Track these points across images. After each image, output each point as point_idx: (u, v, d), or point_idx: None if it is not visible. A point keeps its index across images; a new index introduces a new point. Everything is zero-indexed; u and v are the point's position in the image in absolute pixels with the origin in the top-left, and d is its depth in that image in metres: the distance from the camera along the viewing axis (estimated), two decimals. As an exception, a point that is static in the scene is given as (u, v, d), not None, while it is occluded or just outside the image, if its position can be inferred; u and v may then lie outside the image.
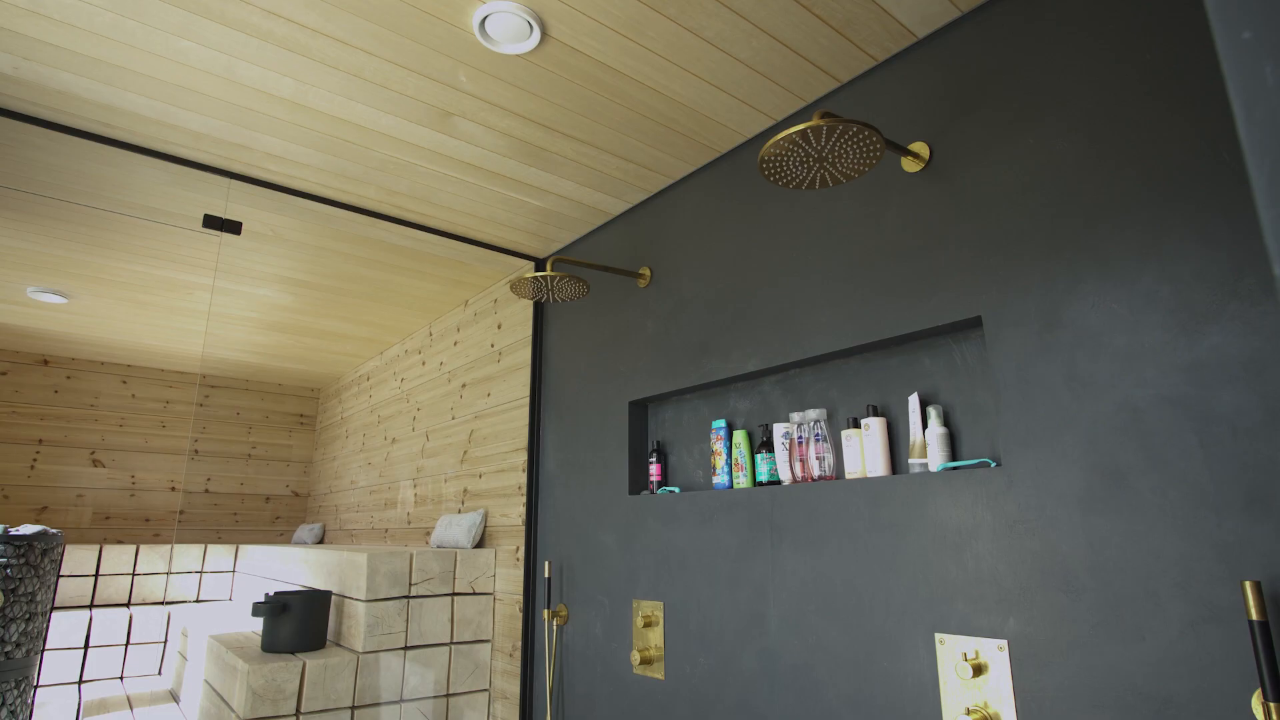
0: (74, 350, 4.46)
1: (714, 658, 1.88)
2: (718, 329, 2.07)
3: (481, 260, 2.95)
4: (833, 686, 1.59)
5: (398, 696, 2.53)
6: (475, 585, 2.78)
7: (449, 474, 3.38)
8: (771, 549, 1.78)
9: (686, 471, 2.20)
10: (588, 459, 2.50)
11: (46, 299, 3.47)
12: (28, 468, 4.42)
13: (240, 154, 2.17)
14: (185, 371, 4.98)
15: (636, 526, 2.22)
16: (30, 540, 2.95)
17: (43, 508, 4.44)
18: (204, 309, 3.63)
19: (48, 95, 1.89)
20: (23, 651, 2.91)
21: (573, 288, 2.17)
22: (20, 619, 2.89)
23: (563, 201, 2.47)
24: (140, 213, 2.55)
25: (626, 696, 2.14)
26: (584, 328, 2.66)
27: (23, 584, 2.91)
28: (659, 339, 2.28)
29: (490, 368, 3.19)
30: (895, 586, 1.52)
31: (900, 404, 1.66)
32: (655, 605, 2.09)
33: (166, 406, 4.92)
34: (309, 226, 2.65)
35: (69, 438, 4.57)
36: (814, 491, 1.71)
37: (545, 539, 2.65)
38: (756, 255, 2.00)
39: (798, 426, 1.80)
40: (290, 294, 3.40)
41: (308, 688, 2.35)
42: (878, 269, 1.67)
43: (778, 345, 1.87)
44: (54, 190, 2.38)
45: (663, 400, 2.34)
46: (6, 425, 4.39)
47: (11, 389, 4.44)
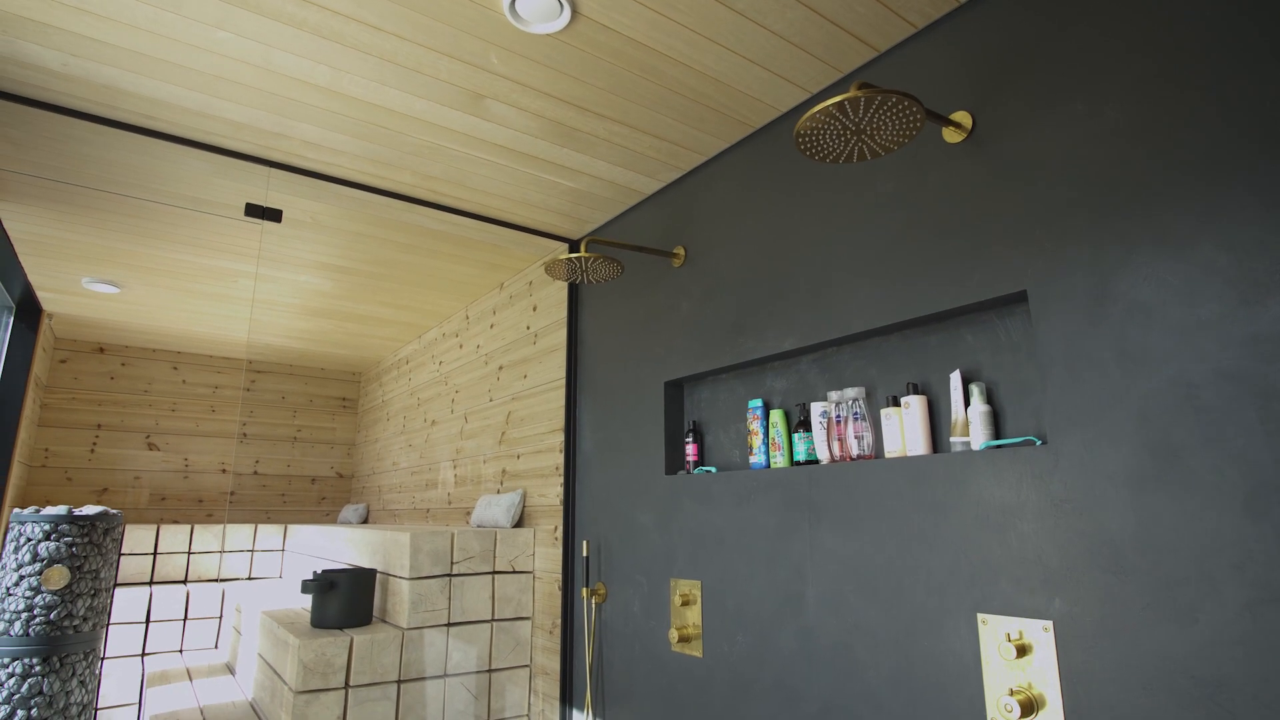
0: (127, 338, 4.62)
1: (752, 636, 1.89)
2: (753, 308, 2.05)
3: (516, 243, 2.96)
4: (872, 666, 1.59)
5: (442, 671, 2.59)
6: (515, 564, 2.82)
7: (487, 455, 3.43)
8: (809, 528, 1.77)
9: (723, 451, 2.20)
10: (624, 440, 2.51)
11: (100, 289, 3.59)
12: (88, 451, 4.61)
13: (279, 142, 2.20)
14: (232, 357, 5.12)
15: (673, 506, 2.22)
16: (93, 520, 3.08)
17: (103, 489, 4.63)
18: (248, 296, 3.72)
19: (94, 90, 1.94)
20: (89, 625, 3.05)
21: (607, 268, 2.17)
22: (86, 595, 3.03)
23: (596, 182, 2.46)
24: (185, 203, 2.61)
25: (665, 674, 2.16)
26: (619, 309, 2.65)
27: (88, 562, 3.04)
28: (694, 319, 2.27)
29: (526, 350, 3.21)
30: (936, 566, 1.50)
31: (941, 382, 1.63)
32: (693, 584, 2.10)
33: (215, 391, 5.08)
34: (347, 213, 2.69)
35: (125, 422, 4.75)
36: (853, 471, 1.69)
37: (583, 518, 2.67)
38: (792, 232, 1.97)
39: (836, 405, 1.78)
40: (330, 280, 3.46)
41: (355, 662, 2.42)
42: (918, 244, 1.63)
43: (815, 323, 1.85)
44: (104, 183, 2.46)
45: (698, 380, 2.33)
46: (67, 411, 4.58)
47: (71, 376, 4.62)
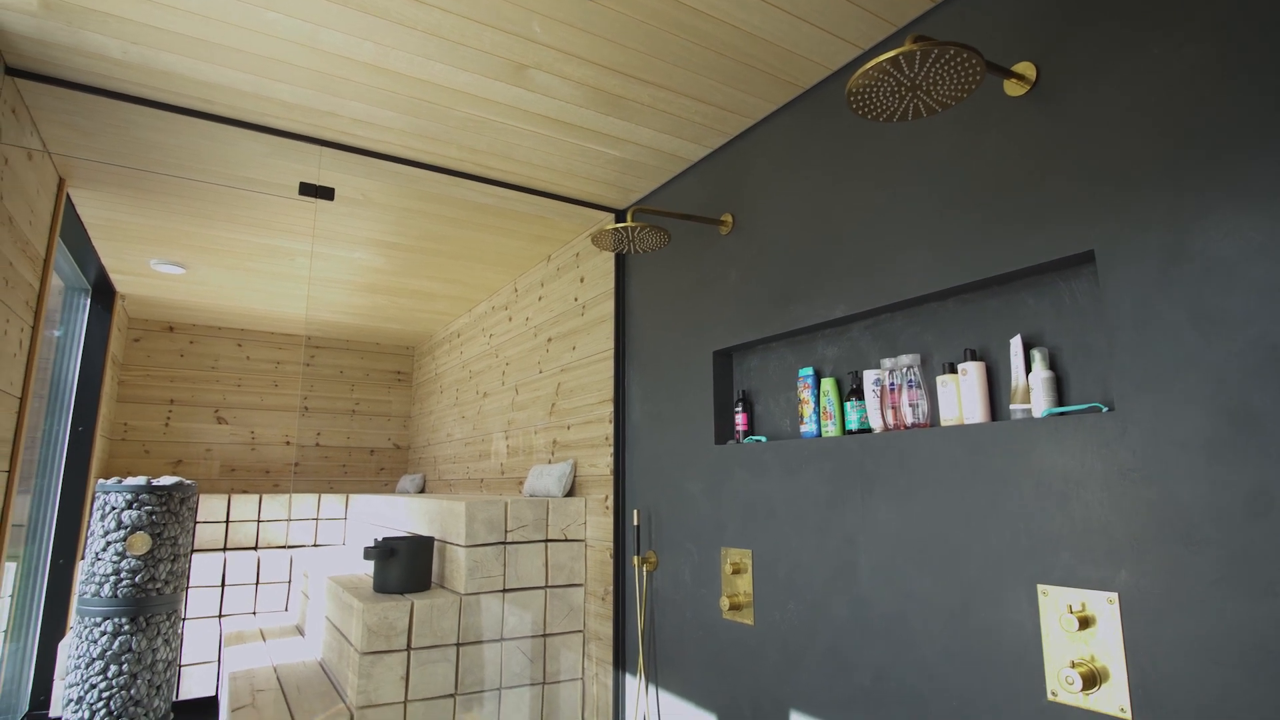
0: (194, 317, 4.81)
1: (804, 605, 1.88)
2: (804, 274, 2.01)
3: (562, 214, 2.96)
4: (927, 636, 1.57)
5: (498, 635, 2.67)
6: (567, 532, 2.87)
7: (538, 426, 3.48)
8: (862, 498, 1.75)
9: (773, 420, 2.18)
10: (673, 409, 2.51)
11: (167, 270, 3.74)
12: (163, 425, 4.85)
13: (329, 121, 2.24)
14: (292, 334, 5.29)
15: (723, 475, 2.22)
16: (170, 490, 3.25)
17: (178, 461, 4.87)
18: (305, 274, 3.82)
19: (154, 76, 2.00)
20: (170, 588, 3.24)
21: (654, 238, 2.15)
22: (167, 560, 3.21)
23: (641, 150, 2.43)
24: (242, 184, 2.68)
25: (716, 641, 2.18)
26: (666, 278, 2.64)
27: (166, 529, 3.22)
28: (742, 287, 2.24)
29: (574, 321, 3.23)
30: (994, 537, 1.46)
31: (1001, 347, 1.58)
32: (743, 553, 2.10)
33: (277, 367, 5.26)
34: (396, 189, 2.73)
35: (195, 397, 4.97)
36: (907, 439, 1.66)
37: (633, 488, 2.70)
38: (844, 195, 1.91)
39: (889, 373, 1.74)
40: (382, 256, 3.53)
41: (416, 625, 2.51)
42: (977, 204, 1.57)
43: (867, 289, 1.80)
44: (167, 167, 2.54)
45: (748, 349, 2.31)
46: (142, 387, 4.82)
47: (144, 354, 4.85)
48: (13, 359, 2.30)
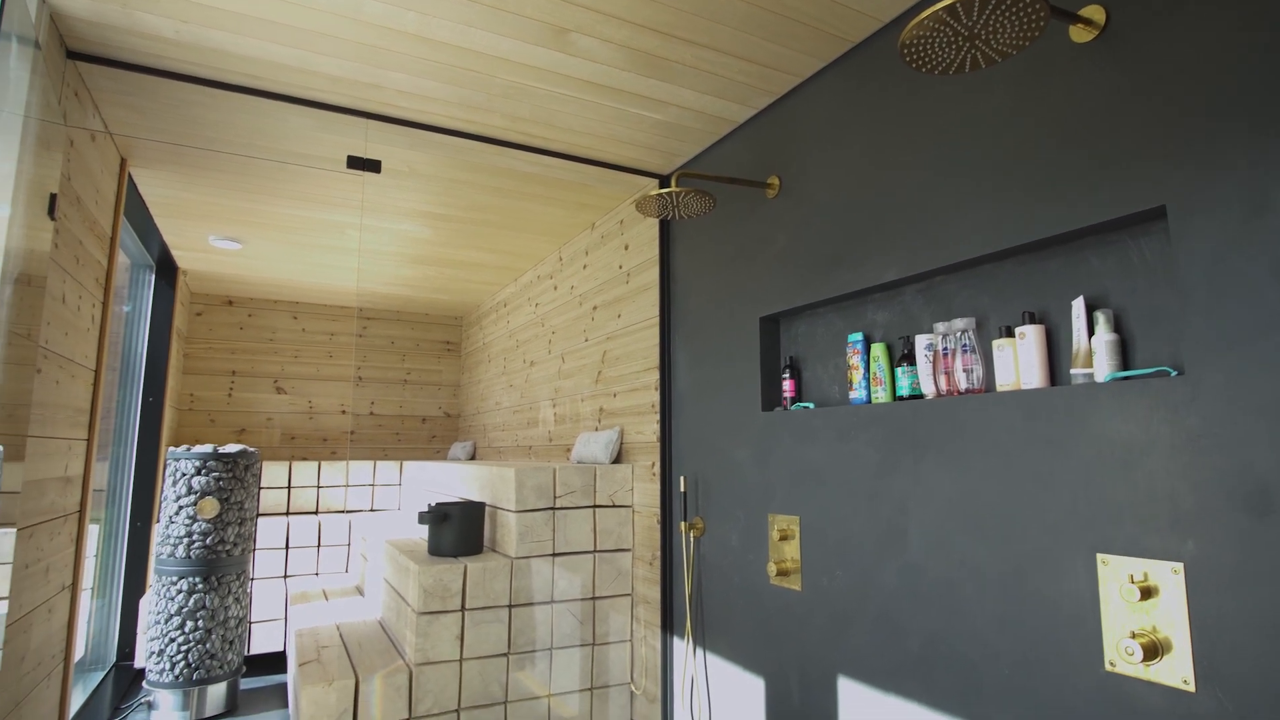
0: (251, 290, 4.97)
1: (853, 572, 1.87)
2: (853, 237, 1.96)
3: (605, 181, 2.94)
4: (980, 604, 1.54)
5: (549, 598, 2.74)
6: (614, 498, 2.91)
7: (585, 394, 3.51)
8: (913, 464, 1.72)
9: (821, 387, 2.15)
10: (719, 376, 2.50)
11: (224, 245, 3.86)
12: (226, 395, 5.05)
13: (374, 93, 2.25)
14: (344, 306, 5.42)
15: (770, 442, 2.21)
16: (235, 458, 3.39)
17: (241, 430, 5.08)
18: (355, 246, 3.89)
19: (204, 54, 2.03)
20: (239, 550, 3.40)
21: (698, 203, 2.12)
22: (234, 523, 3.36)
23: (684, 113, 2.39)
24: (292, 159, 2.73)
25: (763, 606, 2.19)
26: (711, 244, 2.61)
27: (233, 494, 3.37)
28: (790, 251, 2.20)
29: (619, 289, 3.23)
30: (1051, 505, 1.42)
31: (1061, 310, 1.51)
32: (791, 519, 2.09)
33: (331, 338, 5.41)
34: (441, 160, 2.74)
35: (255, 368, 5.15)
36: (961, 405, 1.62)
37: (679, 455, 2.71)
38: (896, 154, 1.85)
39: (942, 337, 1.69)
40: (429, 227, 3.57)
41: (470, 587, 2.59)
42: (1038, 159, 1.50)
43: (920, 251, 1.75)
44: (220, 144, 2.60)
45: (795, 315, 2.27)
46: (206, 359, 5.02)
47: (207, 328, 5.04)
48: (86, 333, 2.41)
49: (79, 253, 2.25)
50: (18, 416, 1.81)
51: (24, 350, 1.82)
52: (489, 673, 2.59)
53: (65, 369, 2.20)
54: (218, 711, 3.27)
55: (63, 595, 2.34)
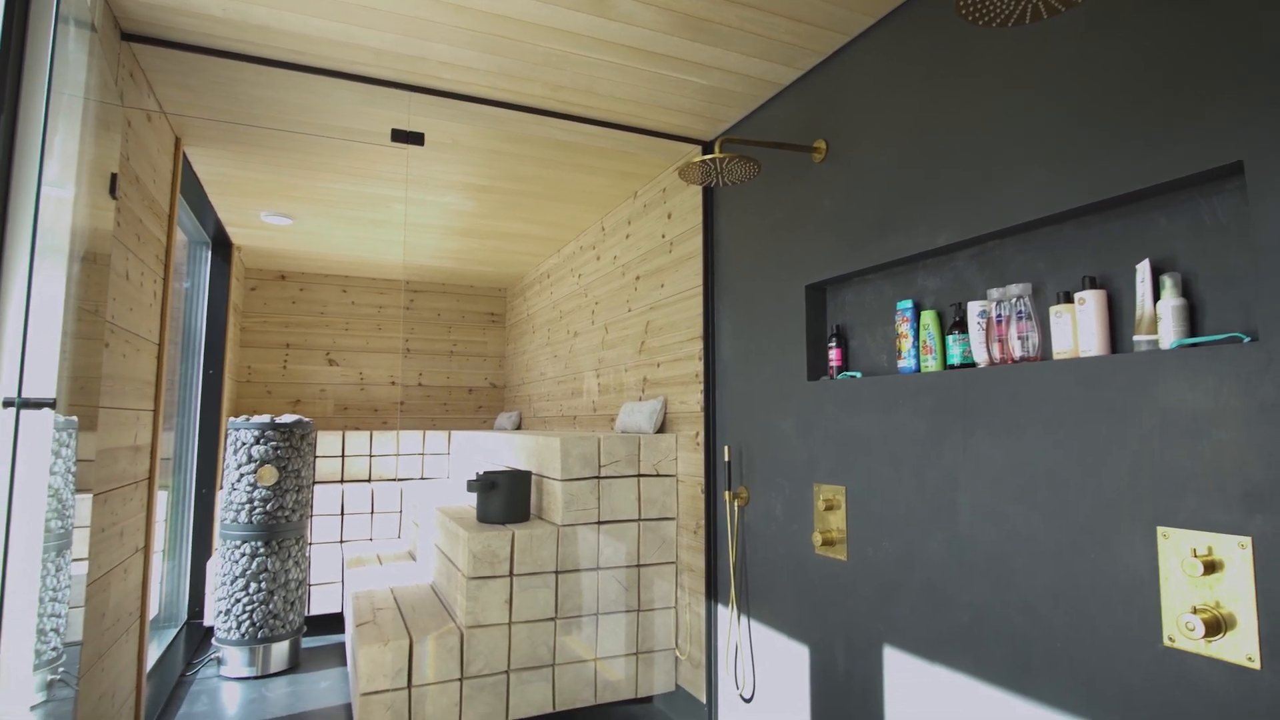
0: (302, 265, 5.09)
1: (899, 542, 1.85)
2: (903, 201, 1.90)
3: (647, 149, 2.91)
4: (1031, 577, 1.51)
5: (594, 564, 2.78)
6: (658, 468, 2.92)
7: (628, 364, 3.52)
8: (964, 434, 1.68)
9: (869, 356, 2.11)
10: (764, 346, 2.47)
11: (276, 221, 3.95)
12: (281, 368, 5.21)
13: (416, 66, 2.26)
14: (392, 279, 5.52)
15: (816, 412, 2.19)
16: (291, 427, 3.51)
17: (296, 400, 5.25)
18: (400, 220, 3.95)
19: (251, 31, 2.06)
20: (297, 516, 3.53)
21: (743, 169, 2.08)
22: (292, 490, 3.49)
23: (728, 76, 2.33)
24: (338, 133, 2.77)
25: (808, 575, 2.19)
26: (756, 211, 2.56)
27: (290, 462, 3.49)
28: (837, 217, 2.14)
29: (662, 258, 3.20)
30: (1109, 476, 1.38)
31: (1124, 274, 1.45)
32: (837, 489, 2.08)
33: (380, 311, 5.52)
34: (483, 131, 2.75)
35: (308, 341, 5.30)
36: (1014, 374, 1.57)
37: (724, 424, 2.70)
38: (949, 113, 1.78)
39: (996, 304, 1.64)
40: (472, 199, 3.59)
41: (517, 553, 2.65)
42: (1104, 115, 1.42)
43: (974, 215, 1.69)
44: (269, 121, 2.65)
45: (842, 282, 2.23)
46: (261, 332, 5.18)
47: (261, 302, 5.19)
48: (149, 309, 2.50)
49: (139, 230, 2.33)
50: (89, 389, 1.90)
51: (93, 326, 1.90)
52: (537, 636, 2.65)
53: (131, 343, 2.29)
54: (282, 668, 3.44)
55: (136, 557, 2.47)
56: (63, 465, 1.70)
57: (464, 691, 2.54)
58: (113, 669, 2.25)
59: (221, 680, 3.33)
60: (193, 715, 2.95)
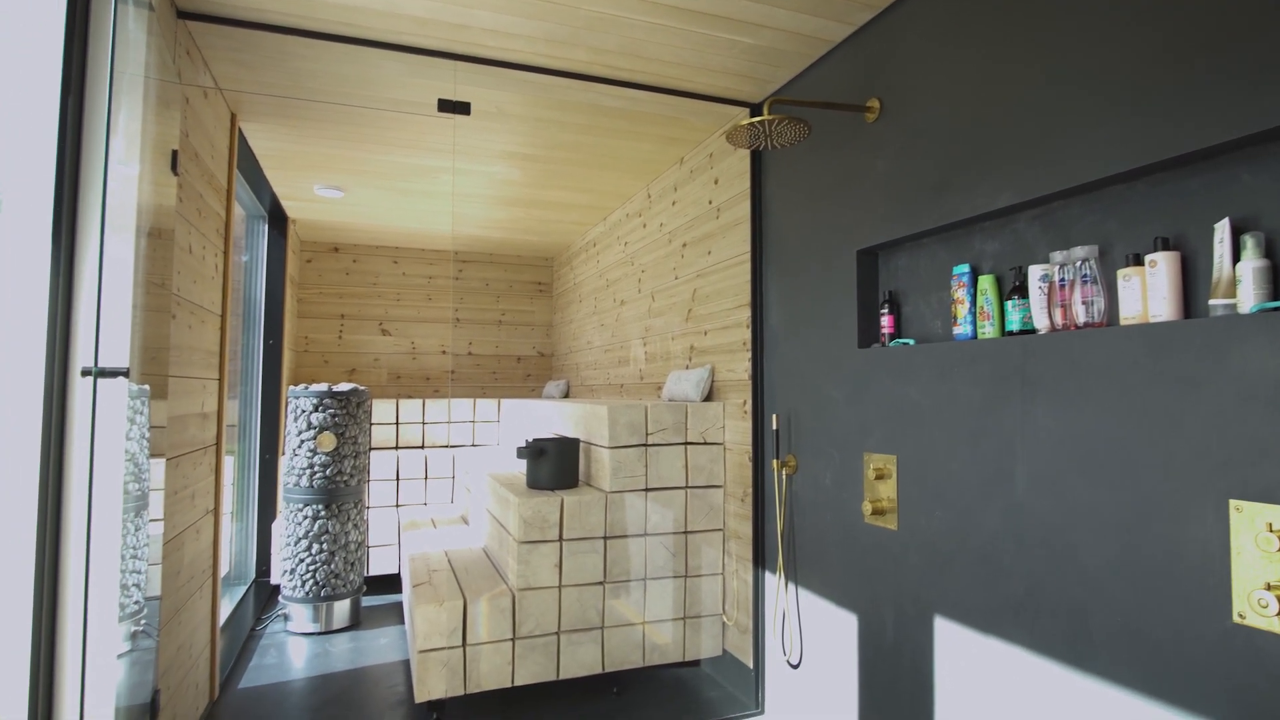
0: (355, 237, 5.19)
1: (952, 513, 1.82)
2: (961, 161, 1.83)
3: (694, 113, 2.86)
4: (1092, 549, 1.47)
5: (642, 531, 2.81)
6: (706, 436, 2.93)
7: (675, 332, 3.51)
8: (1022, 403, 1.63)
9: (923, 322, 2.06)
10: (813, 312, 2.43)
11: (328, 194, 4.03)
12: (336, 338, 5.36)
13: (460, 34, 2.25)
14: (440, 250, 5.59)
15: (867, 380, 2.15)
16: (347, 395, 3.61)
17: (352, 369, 5.40)
18: (448, 190, 3.98)
19: (299, 4, 2.08)
20: (355, 481, 3.65)
21: (792, 130, 2.03)
22: (350, 456, 3.61)
23: (777, 35, 2.26)
24: (386, 105, 2.79)
25: (857, 544, 2.17)
26: (805, 175, 2.50)
27: (348, 429, 3.60)
28: (890, 179, 2.08)
29: (709, 225, 3.16)
30: (1178, 446, 1.32)
31: (1201, 234, 1.37)
32: (887, 458, 2.05)
33: (430, 281, 5.61)
34: (528, 99, 2.73)
35: (362, 312, 5.43)
36: (1078, 340, 1.51)
37: (772, 392, 2.68)
38: (1013, 65, 1.69)
39: (1059, 268, 1.57)
40: (518, 168, 3.59)
41: (567, 519, 2.70)
42: (1184, 62, 1.33)
43: (1037, 174, 1.61)
44: (319, 94, 2.68)
45: (895, 247, 2.17)
46: (317, 303, 5.32)
47: (316, 273, 5.32)
48: (211, 281, 2.59)
49: (200, 205, 2.41)
50: (159, 359, 1.98)
51: (161, 298, 1.98)
52: (586, 599, 2.71)
53: (196, 314, 2.38)
54: (343, 625, 3.59)
55: (207, 518, 2.60)
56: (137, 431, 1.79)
57: (516, 651, 2.61)
58: (189, 622, 2.38)
59: (288, 635, 3.50)
60: (263, 667, 3.11)
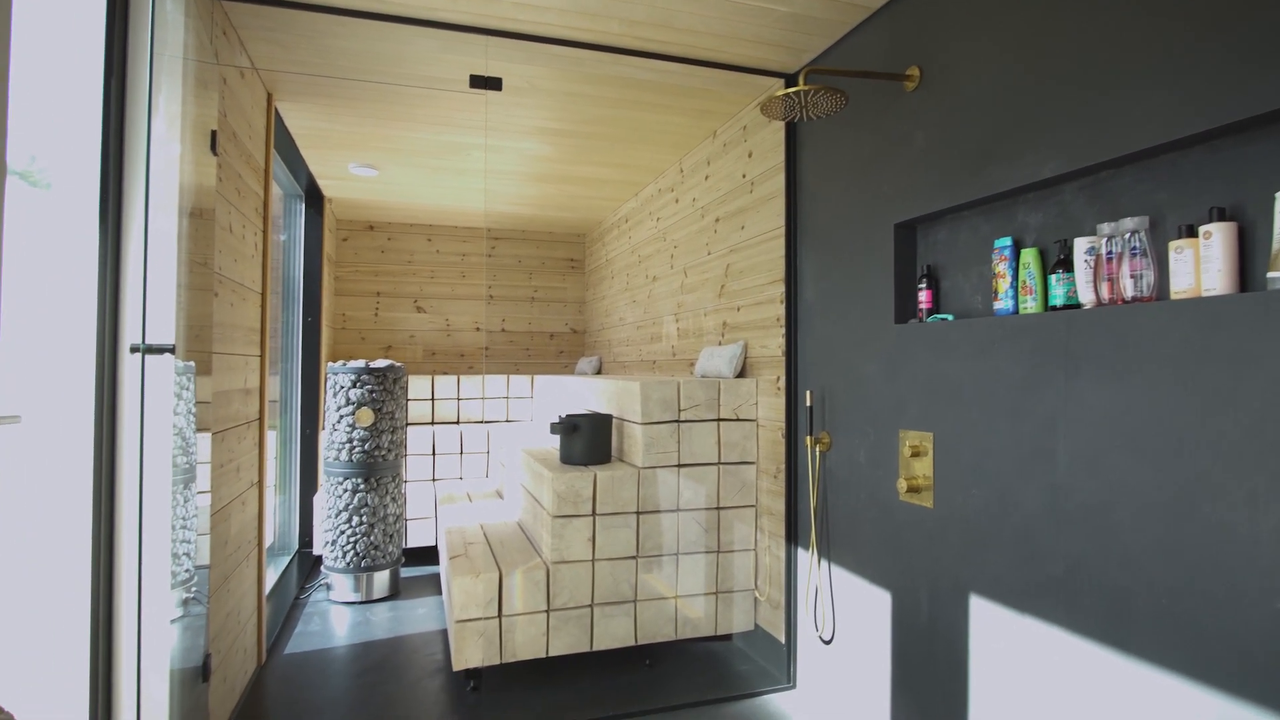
0: (389, 215, 5.24)
1: (990, 491, 1.79)
2: (1005, 130, 1.77)
3: (727, 85, 2.81)
4: (1136, 530, 1.44)
5: (674, 506, 2.83)
6: (738, 412, 2.91)
7: (708, 308, 3.48)
8: (1065, 380, 1.59)
9: (962, 297, 2.01)
10: (849, 288, 2.39)
11: (363, 173, 4.06)
12: (373, 315, 5.44)
13: (491, 8, 2.23)
14: (474, 227, 5.62)
15: (903, 356, 2.11)
16: (384, 372, 3.67)
17: (388, 346, 5.48)
18: (480, 167, 3.98)
19: (332, -21, 2.08)
20: (392, 455, 3.72)
21: (829, 101, 1.98)
22: (387, 431, 3.67)
23: (812, 2, 2.20)
24: (419, 82, 2.79)
25: (891, 521, 2.15)
26: (842, 146, 2.45)
27: (385, 405, 3.67)
28: (930, 150, 2.02)
29: (742, 199, 3.12)
30: (1230, 425, 1.28)
31: (1261, 204, 1.31)
32: (924, 435, 2.02)
33: (463, 259, 5.65)
34: (559, 73, 2.71)
35: (397, 289, 5.50)
36: (1125, 315, 1.46)
37: (805, 369, 2.65)
38: (1062, 29, 1.63)
39: (1107, 240, 1.52)
40: (550, 144, 3.58)
41: (599, 494, 2.72)
42: (1242, 22, 1.27)
43: (1086, 142, 1.55)
44: (354, 73, 2.69)
45: (934, 220, 2.11)
46: (354, 281, 5.40)
47: (352, 252, 5.39)
48: (251, 260, 2.64)
49: (239, 185, 2.44)
50: (203, 336, 2.04)
51: (204, 277, 2.02)
52: (619, 573, 2.74)
53: (237, 292, 2.43)
54: (383, 595, 3.69)
55: (251, 490, 2.67)
56: (184, 407, 1.84)
57: (550, 622, 2.66)
58: (237, 590, 2.47)
59: (330, 604, 3.61)
60: (308, 633, 3.22)
